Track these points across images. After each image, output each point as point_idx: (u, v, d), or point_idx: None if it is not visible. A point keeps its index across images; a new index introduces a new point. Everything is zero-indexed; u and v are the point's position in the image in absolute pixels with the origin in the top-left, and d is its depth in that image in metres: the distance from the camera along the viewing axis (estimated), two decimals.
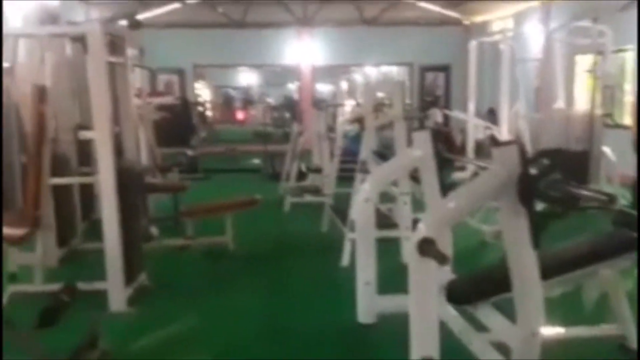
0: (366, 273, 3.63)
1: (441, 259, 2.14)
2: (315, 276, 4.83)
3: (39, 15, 4.91)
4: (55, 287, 4.12)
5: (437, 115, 10.60)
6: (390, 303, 3.54)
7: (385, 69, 17.21)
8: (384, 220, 5.03)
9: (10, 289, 4.16)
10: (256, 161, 11.62)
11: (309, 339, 3.65)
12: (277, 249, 5.75)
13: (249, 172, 10.80)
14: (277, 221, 6.91)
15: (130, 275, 4.15)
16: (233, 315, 4.04)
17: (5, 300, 4.09)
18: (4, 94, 5.49)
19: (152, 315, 3.99)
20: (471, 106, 8.40)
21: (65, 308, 2.98)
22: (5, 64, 4.27)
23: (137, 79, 7.07)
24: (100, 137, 3.96)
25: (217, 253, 5.47)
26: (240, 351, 3.52)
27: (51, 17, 4.91)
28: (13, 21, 4.80)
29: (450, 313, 3.11)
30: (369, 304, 3.65)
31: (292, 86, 19.56)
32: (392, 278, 3.29)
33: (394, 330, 2.86)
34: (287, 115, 15.43)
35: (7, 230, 4.28)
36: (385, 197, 5.50)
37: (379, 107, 5.50)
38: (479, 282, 3.15)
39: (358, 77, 18.36)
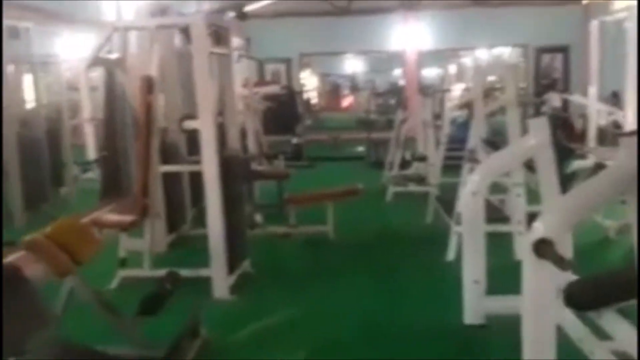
0: (474, 270, 3.38)
1: (561, 263, 1.89)
2: (418, 270, 4.62)
3: (151, 9, 5.06)
4: (162, 273, 4.28)
5: (554, 100, 9.86)
6: (500, 304, 3.28)
7: (497, 51, 16.37)
8: (495, 213, 4.71)
9: (119, 273, 4.35)
10: (360, 149, 11.50)
11: (410, 338, 3.47)
12: (378, 240, 5.59)
13: (352, 160, 10.71)
14: (379, 211, 6.75)
15: (234, 262, 4.19)
16: (332, 308, 3.95)
17: (114, 284, 4.29)
18: (118, 84, 5.78)
19: (253, 305, 4.00)
20: (593, 90, 7.74)
21: (167, 296, 3.01)
22: (116, 55, 4.44)
23: (244, 69, 7.14)
24: (204, 127, 4.00)
25: (318, 242, 5.42)
26: (338, 348, 3.41)
27: (162, 10, 5.04)
28: (127, 14, 4.99)
29: (569, 318, 2.80)
30: (476, 304, 3.40)
31: (397, 72, 19.21)
32: (503, 276, 3.03)
33: (504, 334, 2.65)
34: (392, 102, 15.14)
35: (118, 217, 4.49)
36: (496, 187, 5.15)
37: (489, 91, 5.16)
38: (604, 286, 2.81)
39: (467, 61, 17.61)
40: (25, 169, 5.89)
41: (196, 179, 5.76)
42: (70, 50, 6.88)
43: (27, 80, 6.54)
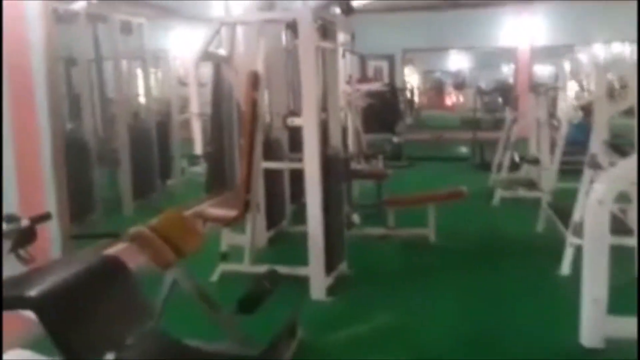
0: (595, 288, 3.06)
1: None
2: (527, 283, 4.27)
3: (258, 4, 5.06)
4: (261, 269, 4.28)
5: None
6: (623, 326, 2.97)
7: (617, 47, 15.18)
8: (617, 225, 4.28)
9: (220, 267, 4.40)
10: (463, 149, 11.07)
11: (518, 357, 3.21)
12: (483, 247, 5.28)
13: (455, 161, 10.32)
14: (484, 215, 6.39)
15: (331, 263, 4.10)
16: (431, 315, 3.75)
17: (215, 278, 4.33)
18: (224, 80, 5.87)
19: (350, 307, 3.89)
20: None
21: (267, 296, 2.96)
22: (223, 51, 4.47)
23: (347, 65, 7.05)
24: (308, 124, 3.93)
25: (418, 245, 5.22)
26: (435, 358, 3.23)
27: (269, 5, 5.03)
28: (235, 9, 5.03)
29: None
30: (596, 325, 3.08)
31: (505, 69, 18.38)
32: (625, 295, 2.73)
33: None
34: (499, 100, 14.48)
35: (221, 212, 4.53)
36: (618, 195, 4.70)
37: (614, 91, 4.70)
38: None
39: (583, 57, 16.48)
40: (136, 160, 6.16)
41: (296, 175, 5.77)
42: (181, 46, 7.12)
43: (140, 75, 6.84)
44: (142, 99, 6.93)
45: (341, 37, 5.47)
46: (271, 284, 3.14)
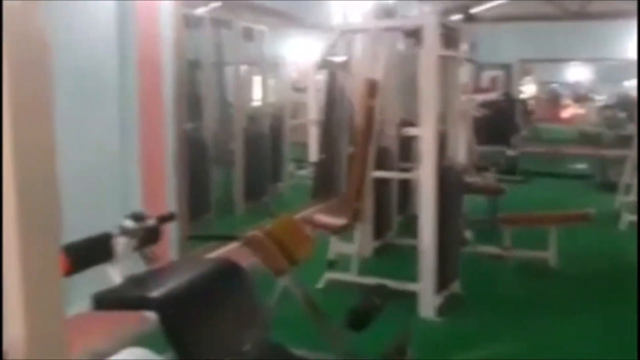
0: None
1: None
2: None
3: (375, 12, 5.01)
4: (367, 280, 4.20)
5: None
6: None
7: None
8: None
9: (326, 275, 4.35)
10: (582, 166, 10.36)
11: None
12: (610, 276, 4.83)
13: (574, 179, 9.66)
14: (610, 241, 5.89)
15: (443, 281, 3.93)
16: (551, 350, 3.46)
17: (321, 285, 4.29)
18: (338, 87, 5.85)
19: (461, 330, 3.69)
20: None
21: (377, 312, 2.85)
22: (341, 58, 4.44)
23: (463, 74, 6.80)
24: (426, 134, 3.80)
25: (536, 269, 4.88)
26: None
27: (386, 12, 4.95)
28: (352, 17, 5.00)
29: None
30: None
31: (628, 83, 17.06)
32: None
33: None
34: (622, 115, 13.44)
35: (330, 219, 4.49)
36: None
37: None
38: None
39: None
40: (249, 163, 6.30)
41: (405, 186, 5.64)
42: (296, 53, 7.21)
43: (256, 80, 7.01)
44: (257, 104, 7.10)
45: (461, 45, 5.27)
46: (381, 300, 3.04)
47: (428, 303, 3.80)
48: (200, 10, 5.61)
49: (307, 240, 3.17)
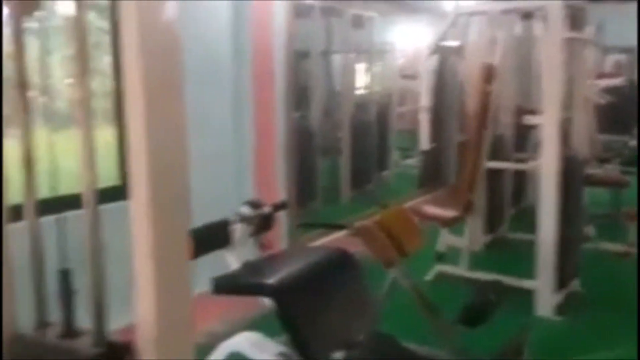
0: None
1: None
2: None
3: None
4: (478, 274, 4.04)
5: None
6: None
7: None
8: None
9: (436, 268, 4.23)
10: None
11: None
12: None
13: None
14: None
15: (563, 278, 3.69)
16: None
17: (429, 277, 4.18)
18: (448, 73, 5.66)
19: (583, 331, 3.45)
20: None
21: (492, 310, 2.72)
22: (455, 43, 4.27)
23: (588, 58, 6.36)
24: (548, 123, 3.56)
25: None
26: None
27: None
28: (465, 2, 4.80)
29: None
30: None
31: None
32: None
33: None
34: None
35: (439, 210, 4.35)
36: None
37: None
38: None
39: None
40: (355, 151, 6.28)
41: (518, 177, 5.35)
42: (405, 39, 7.08)
43: (362, 68, 6.96)
44: (363, 91, 7.05)
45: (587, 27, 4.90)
46: (496, 297, 2.90)
47: (546, 301, 3.59)
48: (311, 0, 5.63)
49: (417, 232, 3.09)
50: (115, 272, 1.31)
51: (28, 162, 1.32)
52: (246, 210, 2.23)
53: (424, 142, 4.42)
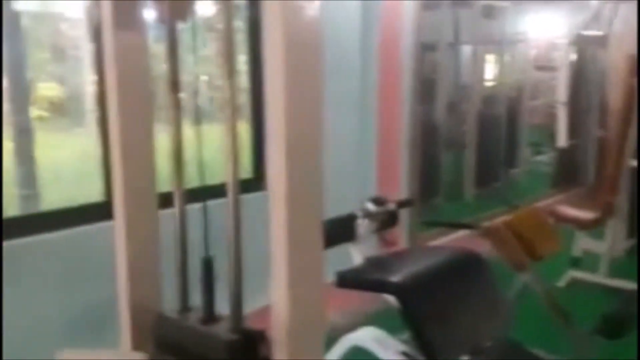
0: None
1: None
2: None
3: None
4: (617, 283, 3.73)
5: None
6: None
7: None
8: None
9: (569, 273, 3.98)
10: None
11: None
12: None
13: None
14: None
15: None
16: None
17: (562, 283, 3.94)
18: (587, 65, 5.27)
19: None
20: None
21: (634, 321, 2.51)
22: (597, 32, 3.96)
23: None
24: None
25: None
26: None
27: None
28: None
29: None
30: None
31: None
32: None
33: None
34: None
35: (576, 212, 4.08)
36: None
37: None
38: None
39: None
40: (481, 146, 6.05)
41: None
42: (539, 28, 6.70)
43: (491, 59, 6.68)
44: (493, 84, 6.77)
45: None
46: (637, 307, 2.68)
47: None
48: None
49: (551, 235, 2.92)
50: (250, 259, 1.35)
51: (177, 155, 1.41)
52: (371, 206, 2.23)
53: (560, 138, 4.13)
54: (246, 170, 3.12)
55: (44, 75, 3.23)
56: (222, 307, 1.34)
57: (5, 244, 2.30)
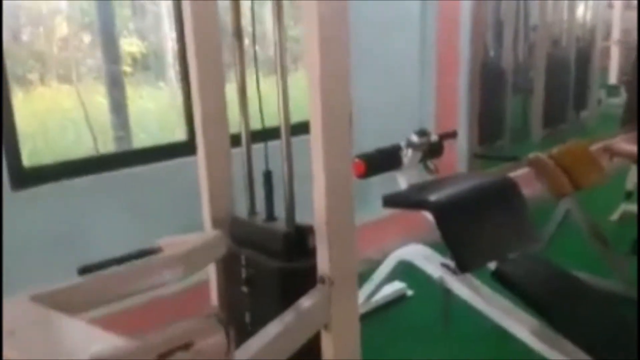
0: None
1: None
2: None
3: None
4: None
5: None
6: None
7: None
8: None
9: (622, 207, 4.09)
10: None
11: None
12: None
13: None
14: None
15: None
16: None
17: (615, 217, 4.06)
18: None
19: None
20: None
21: None
22: None
23: None
24: None
25: None
26: None
27: None
28: None
29: None
30: None
31: None
32: None
33: None
34: None
35: (629, 146, 4.13)
36: None
37: None
38: None
39: None
40: (550, 89, 6.05)
41: None
42: None
43: None
44: (564, 25, 6.65)
45: None
46: None
47: None
48: None
49: (595, 166, 3.05)
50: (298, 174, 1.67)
51: (243, 101, 1.70)
52: (414, 137, 2.52)
53: (612, 75, 4.16)
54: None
55: (125, 31, 3.37)
56: (279, 210, 1.71)
57: (103, 174, 2.82)
